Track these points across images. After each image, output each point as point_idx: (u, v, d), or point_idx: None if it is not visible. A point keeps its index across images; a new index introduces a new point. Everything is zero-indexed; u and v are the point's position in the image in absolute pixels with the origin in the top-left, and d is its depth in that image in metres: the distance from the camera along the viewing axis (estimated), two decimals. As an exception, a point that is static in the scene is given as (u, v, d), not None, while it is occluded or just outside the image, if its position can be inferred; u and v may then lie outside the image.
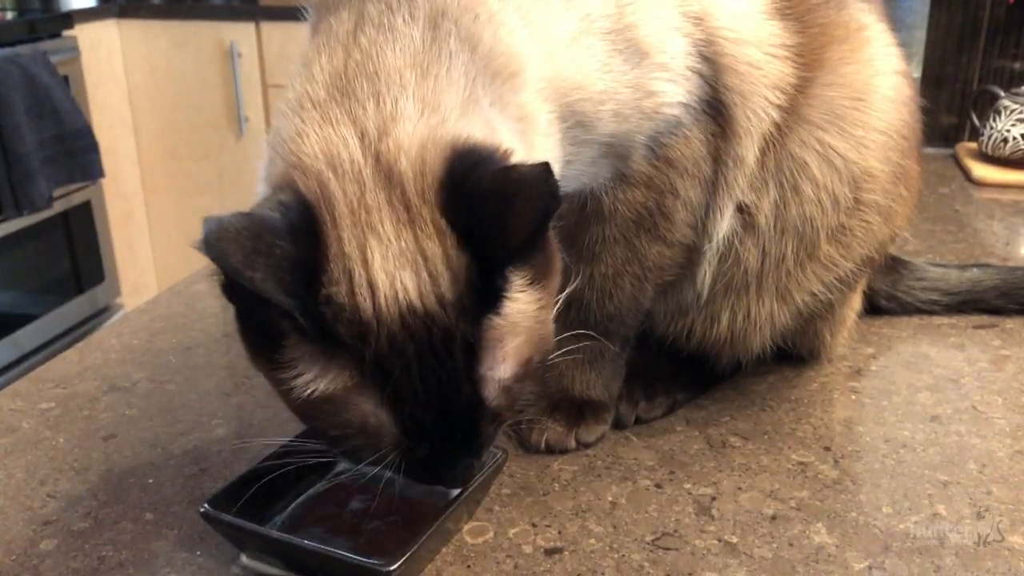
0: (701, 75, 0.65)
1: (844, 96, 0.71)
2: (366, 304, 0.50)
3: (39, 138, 2.45)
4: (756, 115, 0.68)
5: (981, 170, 1.21)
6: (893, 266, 0.91)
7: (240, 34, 2.88)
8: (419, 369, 0.52)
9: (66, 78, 2.60)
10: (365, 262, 0.50)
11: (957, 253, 1.04)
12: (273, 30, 2.88)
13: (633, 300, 0.71)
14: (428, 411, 0.53)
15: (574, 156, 0.62)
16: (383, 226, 0.51)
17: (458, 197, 0.50)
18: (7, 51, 2.43)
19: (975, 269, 0.91)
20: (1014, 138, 1.18)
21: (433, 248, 0.50)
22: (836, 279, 0.75)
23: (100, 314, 2.84)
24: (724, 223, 0.71)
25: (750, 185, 0.70)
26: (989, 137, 1.21)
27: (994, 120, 1.21)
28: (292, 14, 2.60)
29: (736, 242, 0.72)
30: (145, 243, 3.15)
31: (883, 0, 1.13)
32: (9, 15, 2.81)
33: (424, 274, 0.51)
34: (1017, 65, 1.30)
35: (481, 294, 0.52)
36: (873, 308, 0.89)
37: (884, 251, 0.79)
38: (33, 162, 2.43)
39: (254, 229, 0.48)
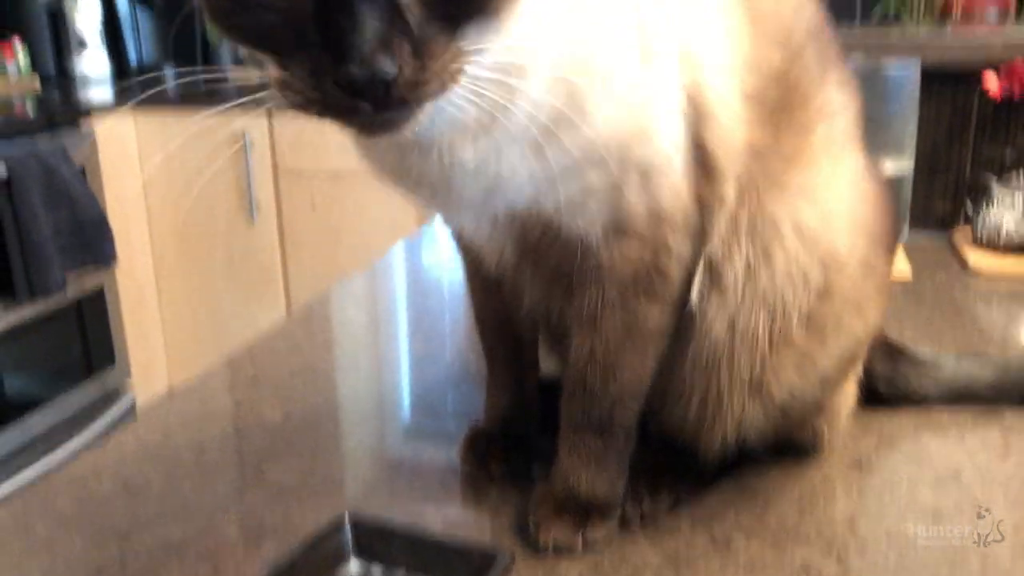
0: (687, 117, 0.67)
1: (813, 174, 0.73)
2: None
3: (55, 226, 2.51)
4: (733, 160, 0.69)
5: (976, 257, 1.24)
6: (892, 352, 0.92)
7: (252, 123, 2.96)
8: None
9: (83, 168, 2.67)
10: None
11: (956, 340, 1.06)
12: (285, 119, 2.96)
13: (636, 377, 0.71)
14: None
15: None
16: None
17: None
18: (27, 142, 2.51)
19: (970, 361, 0.93)
20: (1007, 227, 1.21)
21: None
22: (817, 376, 0.75)
23: (110, 398, 2.86)
24: (696, 279, 0.71)
25: (722, 239, 0.71)
26: (983, 225, 1.24)
27: (987, 207, 1.24)
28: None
29: (704, 304, 0.71)
30: (156, 326, 3.18)
31: (873, 95, 1.18)
32: (30, 108, 2.90)
33: None
34: (1008, 152, 1.34)
35: None
36: (872, 394, 0.90)
37: (862, 350, 0.81)
38: (48, 249, 2.48)
39: None
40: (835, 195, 0.74)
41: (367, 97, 0.49)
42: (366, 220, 2.92)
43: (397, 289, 1.41)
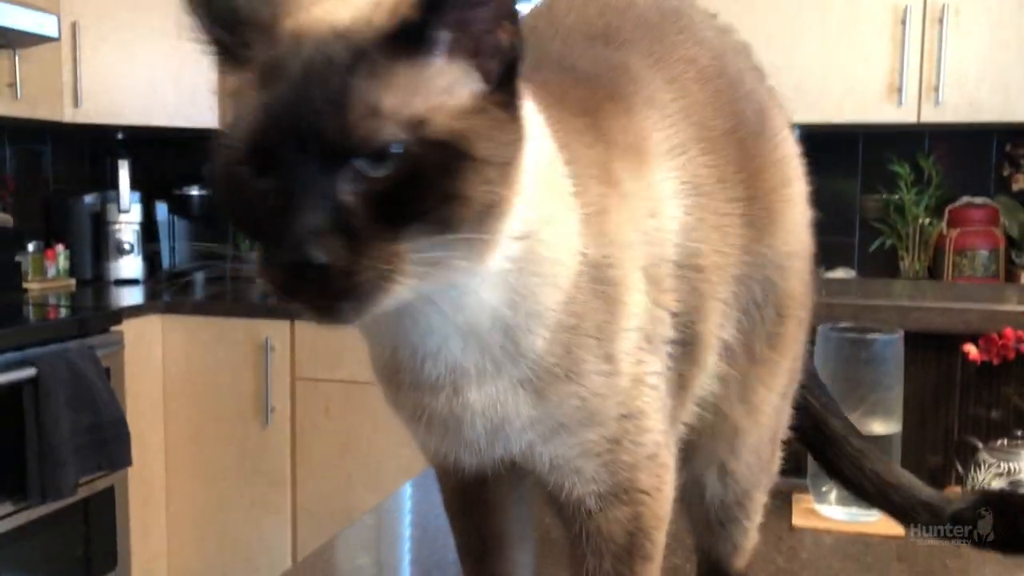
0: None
1: None
2: (288, 22, 0.56)
3: (74, 428, 2.57)
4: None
5: (967, 519, 1.28)
6: None
7: (275, 330, 3.08)
8: (301, 70, 0.53)
9: (107, 369, 2.77)
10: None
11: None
12: (307, 327, 3.07)
13: None
14: (285, 108, 0.52)
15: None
16: None
17: None
18: (57, 347, 2.62)
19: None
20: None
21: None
22: None
23: (107, 604, 2.81)
24: None
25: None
26: (971, 488, 1.28)
27: (975, 471, 1.29)
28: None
29: None
30: (161, 528, 3.17)
31: (858, 361, 1.26)
32: (64, 311, 3.04)
33: (366, 8, 0.55)
34: (994, 414, 1.40)
35: (409, 33, 0.54)
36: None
37: None
38: (65, 451, 2.53)
39: None
40: None
41: (304, 283, 0.53)
42: (378, 430, 2.97)
43: (404, 535, 1.44)
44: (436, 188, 0.53)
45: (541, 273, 0.63)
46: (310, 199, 0.51)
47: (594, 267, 0.65)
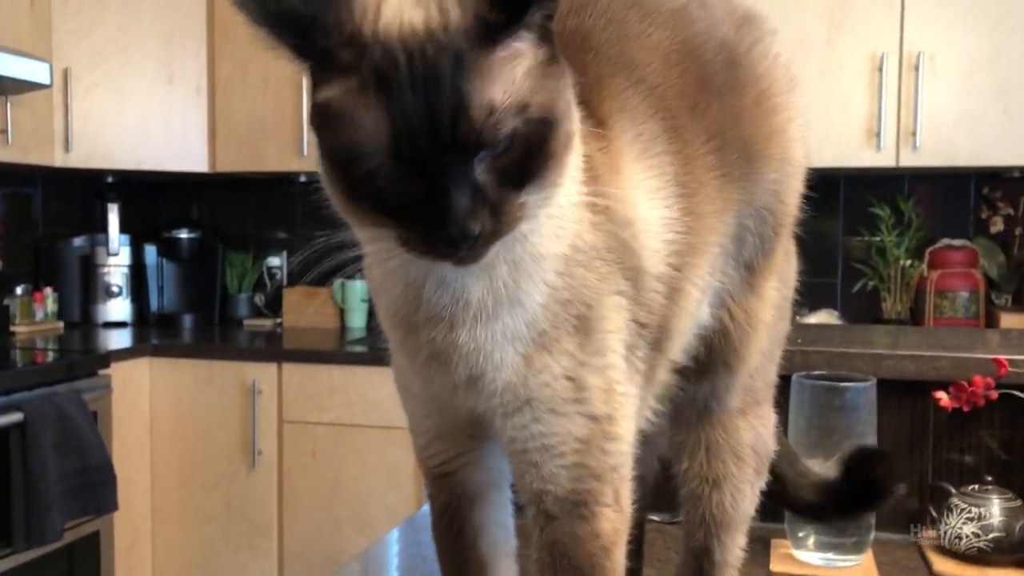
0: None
1: None
2: (368, 27, 0.61)
3: (61, 472, 2.56)
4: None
5: (941, 564, 1.30)
6: None
7: (262, 373, 3.10)
8: (411, 77, 0.60)
9: (95, 413, 2.77)
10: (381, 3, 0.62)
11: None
12: (295, 370, 3.09)
13: None
14: (415, 114, 0.59)
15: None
16: None
17: None
18: (44, 390, 2.63)
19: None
20: (966, 536, 1.28)
21: None
22: None
23: (91, 651, 2.79)
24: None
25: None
26: (944, 533, 1.31)
27: (947, 517, 1.31)
28: (313, 356, 2.86)
29: None
30: (147, 573, 3.16)
31: (832, 409, 1.29)
32: (51, 355, 3.05)
33: (434, 9, 0.61)
34: (967, 459, 1.43)
35: (488, 28, 0.61)
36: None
37: None
38: (51, 496, 2.52)
39: None
40: None
41: (462, 248, 0.63)
42: (365, 473, 2.98)
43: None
44: (540, 152, 0.64)
45: (548, 222, 0.69)
46: (457, 187, 0.61)
47: (585, 254, 0.71)
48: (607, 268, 0.72)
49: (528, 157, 0.63)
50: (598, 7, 0.81)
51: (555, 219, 0.70)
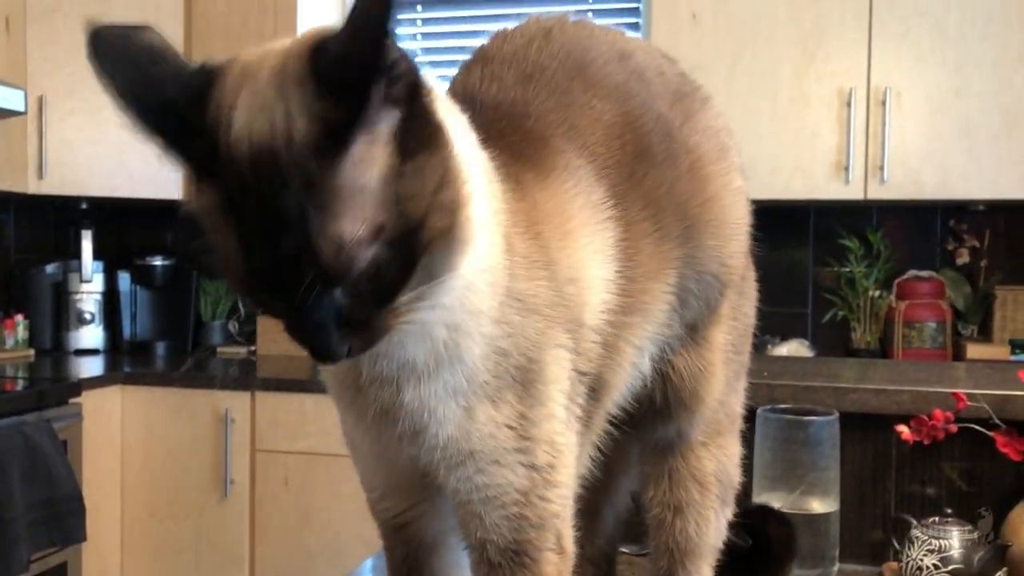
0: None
1: None
2: (222, 136, 0.58)
3: (28, 503, 2.53)
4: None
5: (903, 595, 1.32)
6: None
7: (235, 402, 3.08)
8: (259, 204, 0.57)
9: (65, 442, 2.74)
10: (232, 106, 0.59)
11: None
12: (267, 399, 3.08)
13: None
14: (265, 250, 0.57)
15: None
16: (259, 76, 0.59)
17: (323, 50, 0.58)
18: (13, 420, 2.60)
19: None
20: (927, 568, 1.30)
21: (295, 95, 0.58)
22: None
23: None
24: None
25: None
26: (906, 565, 1.33)
27: (909, 548, 1.33)
28: (287, 385, 2.84)
29: None
30: (115, 605, 3.11)
31: (796, 442, 1.31)
32: (20, 383, 3.02)
33: (279, 116, 0.57)
34: (929, 491, 1.46)
35: (333, 132, 0.57)
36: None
37: None
38: (18, 527, 2.49)
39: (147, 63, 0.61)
40: None
41: (336, 360, 0.63)
42: (339, 502, 2.97)
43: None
44: (408, 260, 0.61)
45: (479, 279, 0.69)
46: (314, 317, 0.60)
47: (520, 302, 0.72)
48: (547, 322, 0.73)
49: (394, 269, 0.60)
50: (543, 78, 0.83)
51: (488, 271, 0.70)
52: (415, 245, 0.61)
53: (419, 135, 0.61)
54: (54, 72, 3.26)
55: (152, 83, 0.61)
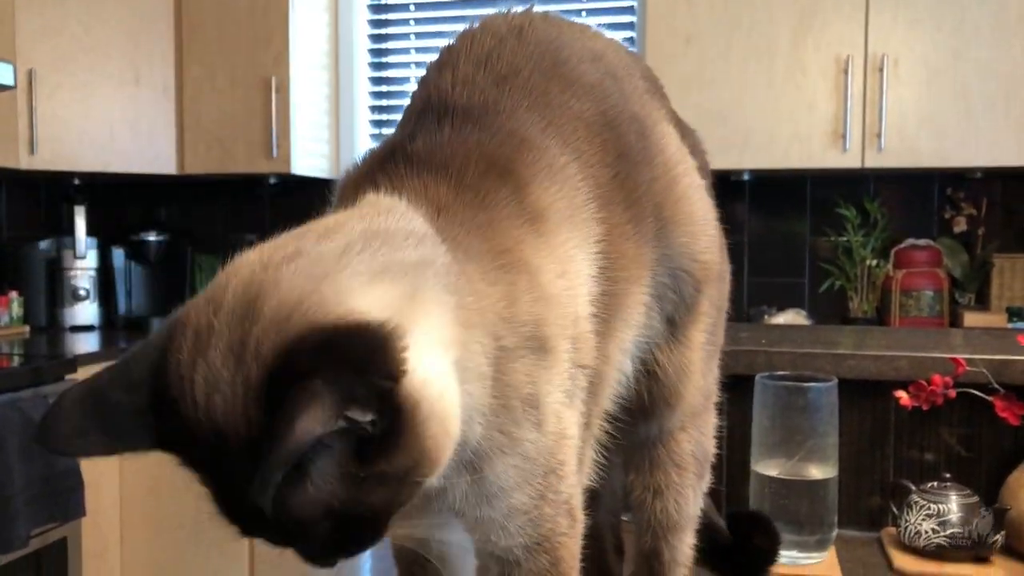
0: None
1: None
2: (186, 413, 0.60)
3: (26, 479, 2.53)
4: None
5: (901, 560, 1.32)
6: None
7: (232, 376, 3.07)
8: (221, 473, 0.61)
9: (62, 419, 2.73)
10: (192, 380, 0.60)
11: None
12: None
13: None
14: (230, 507, 0.62)
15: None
16: (216, 350, 0.60)
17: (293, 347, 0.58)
18: (9, 396, 2.59)
19: None
20: (925, 532, 1.30)
21: (249, 378, 0.58)
22: None
23: (59, 659, 2.76)
24: None
25: None
26: (905, 529, 1.33)
27: (907, 513, 1.33)
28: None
29: None
30: (115, 580, 3.12)
31: (794, 409, 1.31)
32: (17, 360, 3.01)
33: (230, 396, 0.58)
34: (927, 457, 1.46)
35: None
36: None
37: None
38: (17, 503, 2.49)
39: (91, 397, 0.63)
40: None
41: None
42: (335, 475, 2.97)
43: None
44: (374, 516, 0.64)
45: (470, 380, 0.68)
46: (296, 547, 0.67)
47: (514, 350, 0.71)
48: (541, 358, 0.72)
49: (359, 526, 0.64)
50: (519, 80, 0.82)
51: (472, 415, 0.69)
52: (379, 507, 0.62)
53: (383, 442, 0.60)
54: (43, 45, 3.22)
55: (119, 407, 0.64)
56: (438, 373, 0.64)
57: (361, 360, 0.57)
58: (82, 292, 3.58)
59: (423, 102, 0.83)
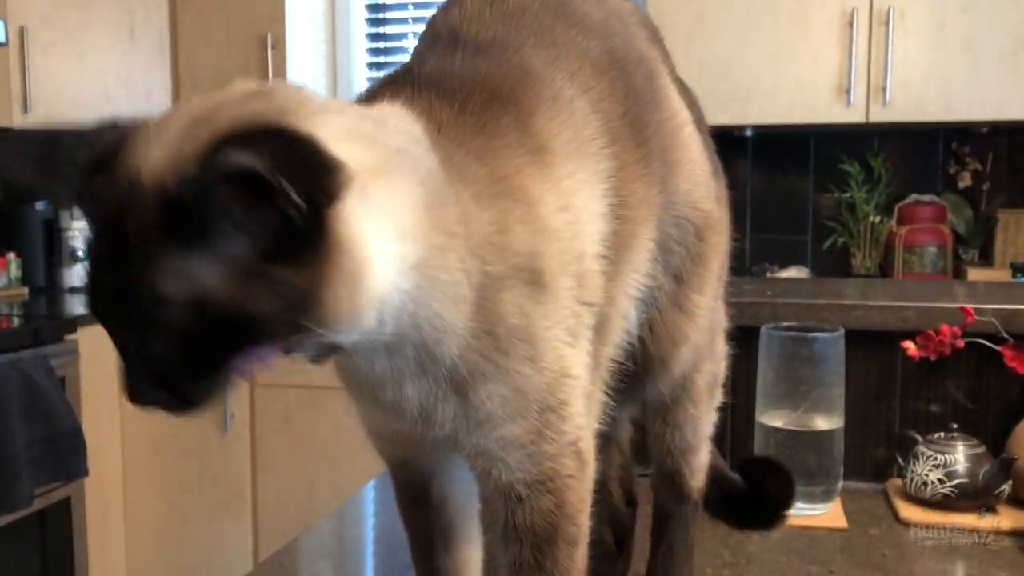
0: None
1: None
2: (117, 170, 0.59)
3: (29, 439, 2.53)
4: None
5: (907, 510, 1.32)
6: None
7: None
8: (106, 239, 0.59)
9: (63, 379, 2.73)
10: (136, 140, 0.60)
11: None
12: (264, 333, 3.06)
13: None
14: (103, 283, 0.59)
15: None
16: (171, 127, 0.60)
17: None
18: (9, 356, 2.58)
19: None
20: (932, 482, 1.29)
21: (198, 140, 0.57)
22: None
23: (65, 616, 2.78)
24: None
25: None
26: (911, 480, 1.32)
27: (914, 464, 1.32)
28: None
29: None
30: (119, 538, 3.14)
31: (800, 359, 1.29)
32: (16, 320, 3.00)
33: (171, 154, 0.57)
34: (934, 408, 1.44)
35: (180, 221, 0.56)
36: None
37: None
38: (19, 463, 2.50)
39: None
40: None
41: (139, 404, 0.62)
42: (339, 434, 2.97)
43: (365, 539, 1.44)
44: (229, 344, 0.59)
45: (439, 297, 0.67)
46: (135, 359, 0.60)
47: (502, 279, 0.69)
48: (536, 275, 0.71)
49: (210, 351, 0.59)
50: (525, 18, 0.81)
51: (445, 292, 0.67)
52: (247, 332, 0.58)
53: (290, 247, 0.58)
54: (35, 1, 3.16)
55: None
56: (375, 245, 0.61)
57: (307, 159, 0.55)
58: (80, 253, 3.55)
59: (431, 38, 0.82)
